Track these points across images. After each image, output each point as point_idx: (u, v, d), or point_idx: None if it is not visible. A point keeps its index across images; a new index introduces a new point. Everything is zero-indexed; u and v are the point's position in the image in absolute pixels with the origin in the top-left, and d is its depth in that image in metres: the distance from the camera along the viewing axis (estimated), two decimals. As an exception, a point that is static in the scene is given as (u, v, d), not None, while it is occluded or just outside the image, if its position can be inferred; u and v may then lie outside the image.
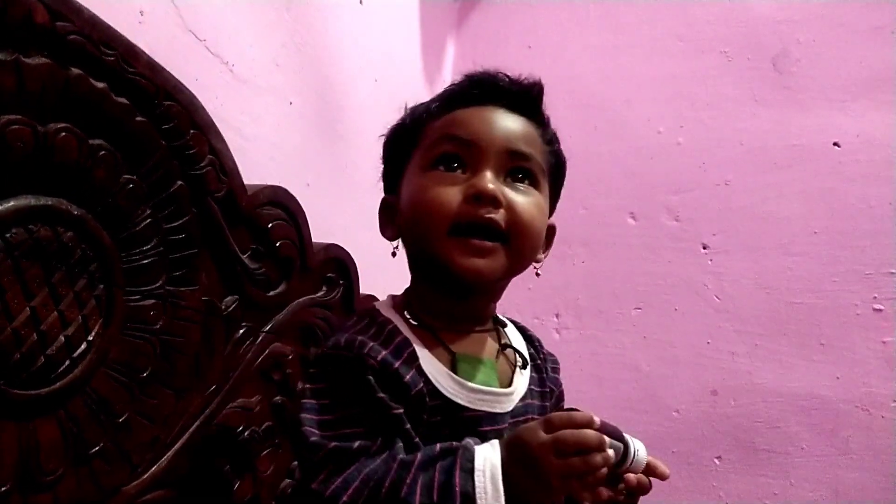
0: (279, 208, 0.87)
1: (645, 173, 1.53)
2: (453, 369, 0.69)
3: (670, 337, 1.45)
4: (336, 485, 0.59)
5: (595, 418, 0.61)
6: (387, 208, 0.78)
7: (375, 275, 1.06)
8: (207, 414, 0.78)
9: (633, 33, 1.61)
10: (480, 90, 0.73)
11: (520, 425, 0.65)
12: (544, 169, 0.73)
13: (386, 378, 0.64)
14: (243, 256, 0.82)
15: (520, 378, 0.76)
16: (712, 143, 1.49)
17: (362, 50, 1.36)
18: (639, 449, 0.66)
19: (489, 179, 0.68)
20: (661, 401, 1.42)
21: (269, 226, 0.85)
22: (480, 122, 0.71)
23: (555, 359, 0.86)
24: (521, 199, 0.69)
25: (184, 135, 0.72)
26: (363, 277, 1.06)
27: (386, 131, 0.79)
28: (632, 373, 1.46)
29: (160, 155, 0.70)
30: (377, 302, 0.77)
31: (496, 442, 0.62)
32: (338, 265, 1.01)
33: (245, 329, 0.84)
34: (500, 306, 0.80)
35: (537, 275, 0.76)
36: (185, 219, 0.74)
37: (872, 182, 1.34)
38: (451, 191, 0.68)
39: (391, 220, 0.77)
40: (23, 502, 0.59)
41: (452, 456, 0.60)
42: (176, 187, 0.72)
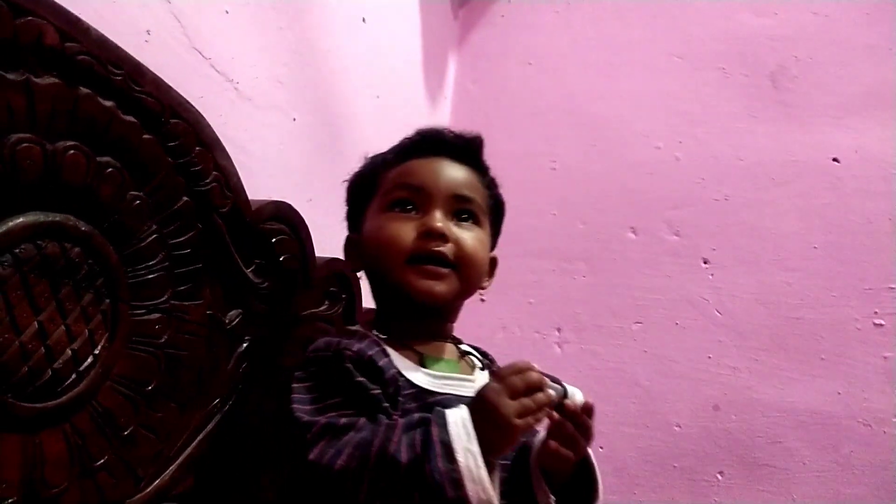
0: (283, 223, 0.88)
1: (644, 189, 1.54)
2: (421, 364, 0.79)
3: (671, 352, 1.45)
4: (330, 453, 0.65)
5: (534, 365, 0.70)
6: (350, 245, 0.90)
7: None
8: (210, 428, 0.79)
9: (631, 51, 1.63)
10: (429, 143, 0.85)
11: None
12: (485, 209, 0.86)
13: (362, 365, 0.72)
14: (247, 271, 0.83)
15: (480, 375, 0.84)
16: (711, 159, 1.50)
17: (364, 67, 1.37)
18: (576, 392, 0.76)
19: (438, 219, 0.79)
20: (662, 416, 1.42)
21: (273, 241, 0.86)
22: (429, 171, 0.83)
23: None
24: (465, 235, 0.81)
25: (189, 152, 0.73)
26: (365, 292, 1.07)
27: (349, 176, 0.91)
28: (632, 387, 1.46)
29: (166, 172, 0.71)
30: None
31: (462, 405, 0.69)
32: (340, 280, 1.02)
33: (248, 343, 0.84)
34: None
35: (482, 300, 0.89)
36: (190, 234, 0.75)
37: (871, 197, 1.36)
38: (406, 227, 0.79)
39: (355, 255, 0.88)
40: (28, 515, 0.59)
41: (427, 418, 0.67)
42: (181, 203, 0.73)
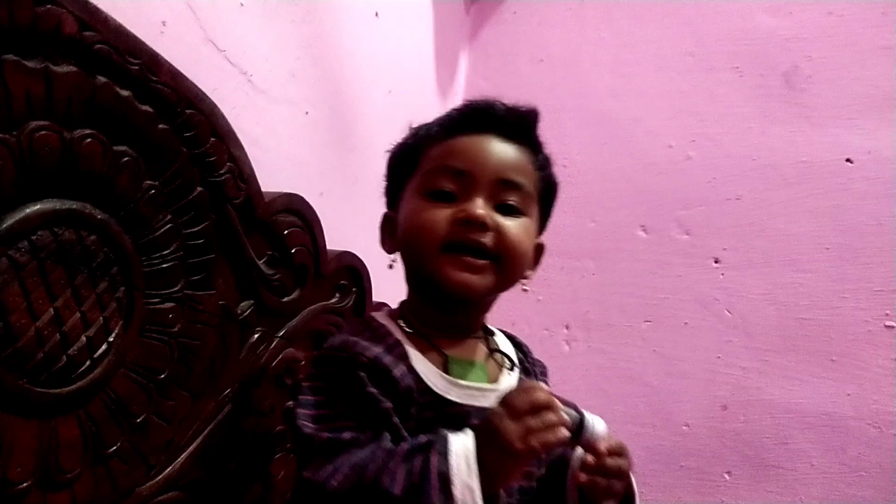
0: (295, 216, 0.89)
1: (655, 188, 1.54)
2: (445, 370, 0.74)
3: (680, 351, 1.44)
4: (327, 472, 0.63)
5: (543, 385, 0.65)
6: (387, 223, 0.83)
7: (387, 283, 1.07)
8: (221, 417, 0.79)
9: (643, 49, 1.62)
10: (478, 118, 0.77)
11: None
12: (533, 194, 0.78)
13: (376, 374, 0.68)
14: (259, 262, 0.83)
15: (507, 378, 0.80)
16: (723, 159, 1.50)
17: (376, 62, 1.38)
18: (596, 423, 0.69)
19: (479, 205, 0.72)
20: (671, 415, 1.42)
21: (285, 233, 0.86)
22: (475, 153, 0.75)
23: (542, 364, 0.90)
24: (508, 223, 0.74)
25: (204, 143, 0.74)
26: (375, 285, 1.08)
27: (391, 147, 0.84)
28: (641, 387, 1.46)
29: (181, 162, 0.72)
30: (375, 312, 0.81)
31: (468, 430, 0.65)
32: (351, 273, 1.02)
33: (259, 334, 0.85)
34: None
35: (524, 290, 0.78)
36: (203, 225, 0.75)
37: (884, 199, 1.35)
38: (443, 213, 0.73)
39: (391, 235, 0.82)
40: (41, 500, 0.60)
41: (430, 444, 0.63)
42: (196, 194, 0.74)
